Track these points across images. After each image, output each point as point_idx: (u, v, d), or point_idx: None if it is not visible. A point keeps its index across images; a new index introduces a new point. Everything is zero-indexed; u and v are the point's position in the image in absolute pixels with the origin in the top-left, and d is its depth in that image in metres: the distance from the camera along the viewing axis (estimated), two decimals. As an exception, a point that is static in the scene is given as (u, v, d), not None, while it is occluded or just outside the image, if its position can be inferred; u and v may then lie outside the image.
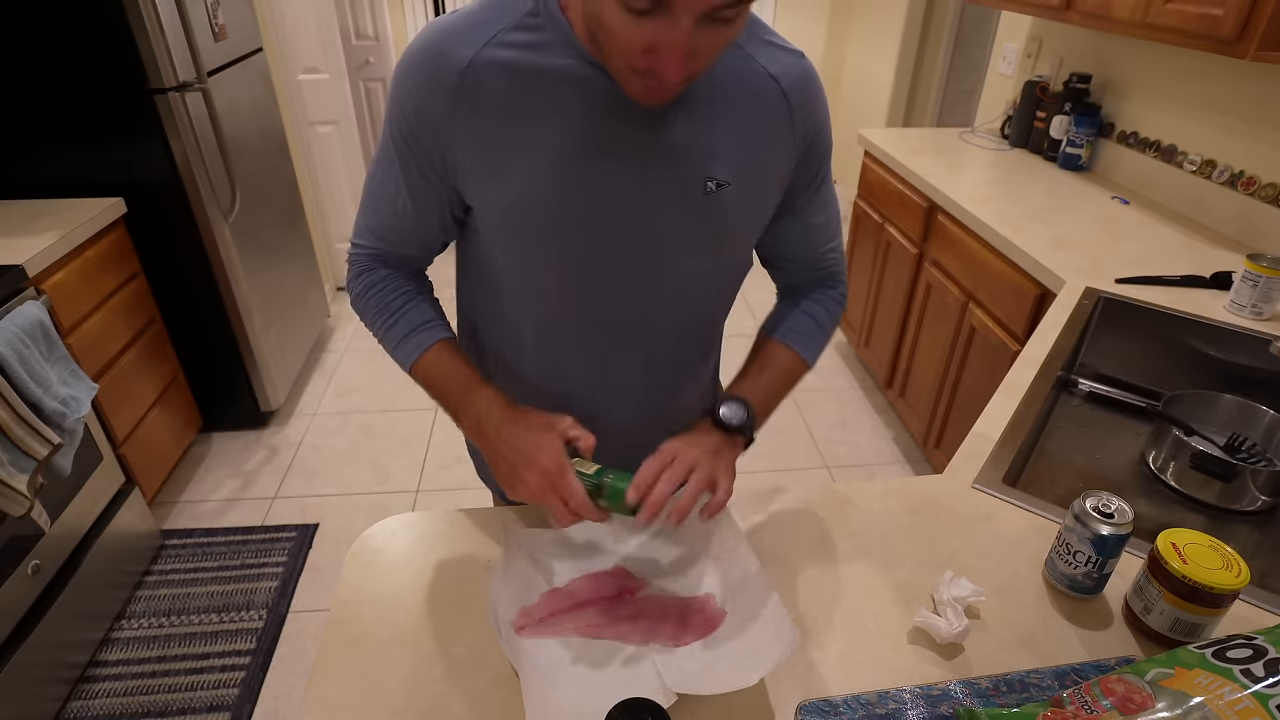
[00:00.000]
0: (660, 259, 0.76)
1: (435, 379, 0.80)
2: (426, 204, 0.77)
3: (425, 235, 0.82)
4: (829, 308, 0.91)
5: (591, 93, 0.68)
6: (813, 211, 0.84)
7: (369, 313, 0.84)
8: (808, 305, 0.90)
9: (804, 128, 0.76)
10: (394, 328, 0.82)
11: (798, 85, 0.74)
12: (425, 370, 0.81)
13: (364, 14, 3.96)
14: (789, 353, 0.87)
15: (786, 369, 0.87)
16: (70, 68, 1.86)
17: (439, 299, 0.89)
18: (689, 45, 0.56)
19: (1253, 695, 0.55)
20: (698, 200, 0.72)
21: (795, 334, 0.88)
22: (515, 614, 0.73)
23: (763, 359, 0.86)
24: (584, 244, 0.74)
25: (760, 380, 0.84)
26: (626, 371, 0.88)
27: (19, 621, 1.49)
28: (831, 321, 0.91)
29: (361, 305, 0.85)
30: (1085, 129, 2.23)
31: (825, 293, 0.91)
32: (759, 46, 0.73)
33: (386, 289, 0.83)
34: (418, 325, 0.82)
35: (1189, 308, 1.46)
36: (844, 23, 4.20)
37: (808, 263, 0.89)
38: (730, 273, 0.85)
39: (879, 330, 2.61)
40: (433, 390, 0.81)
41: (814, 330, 0.89)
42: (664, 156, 0.70)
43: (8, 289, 1.54)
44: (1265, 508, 1.08)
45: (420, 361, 0.80)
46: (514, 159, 0.70)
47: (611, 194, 0.71)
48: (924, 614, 0.75)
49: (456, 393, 0.78)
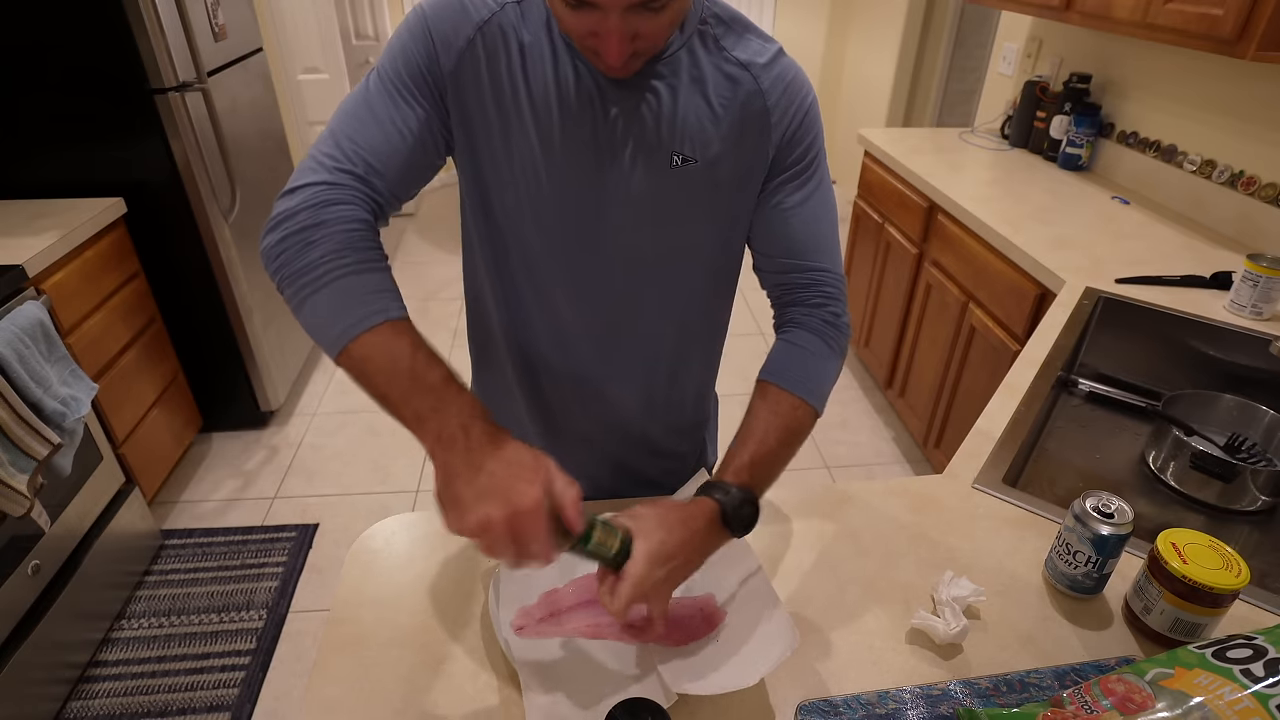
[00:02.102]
0: (626, 228, 0.79)
1: (393, 359, 0.63)
2: (421, 136, 0.74)
3: (412, 167, 0.73)
4: (820, 332, 0.81)
5: (569, 67, 0.72)
6: (794, 206, 0.81)
7: (323, 242, 0.65)
8: (797, 335, 0.82)
9: (781, 115, 0.77)
10: (361, 275, 0.66)
11: (773, 74, 0.76)
12: (383, 345, 0.64)
13: (364, 14, 3.96)
14: (791, 401, 0.77)
15: (792, 428, 0.77)
16: (70, 68, 1.86)
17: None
18: (624, 31, 0.61)
19: (1253, 695, 0.55)
20: (663, 172, 0.75)
21: (793, 378, 0.79)
22: (515, 614, 0.73)
23: (766, 418, 0.76)
24: (560, 209, 0.77)
25: (768, 445, 0.75)
26: (622, 350, 0.88)
27: (19, 621, 1.49)
28: (825, 349, 0.81)
29: (314, 231, 0.66)
30: (1085, 129, 2.23)
31: (813, 312, 0.82)
32: (735, 38, 0.76)
33: (361, 229, 0.68)
34: (388, 288, 0.67)
35: (1189, 308, 1.46)
36: (844, 22, 4.20)
37: (790, 267, 0.82)
38: (703, 255, 0.84)
39: (879, 330, 2.61)
40: (382, 374, 0.63)
41: (814, 366, 0.80)
42: (636, 129, 0.74)
43: (8, 289, 1.54)
44: (1265, 508, 1.08)
45: (377, 330, 0.64)
46: (499, 122, 0.74)
47: (583, 163, 0.75)
48: (922, 615, 0.75)
49: (431, 387, 0.63)
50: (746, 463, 0.72)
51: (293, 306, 0.67)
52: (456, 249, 3.92)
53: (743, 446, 0.74)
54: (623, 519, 0.65)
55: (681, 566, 0.65)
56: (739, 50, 0.76)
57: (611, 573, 0.63)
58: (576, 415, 0.92)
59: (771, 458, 0.74)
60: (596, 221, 0.78)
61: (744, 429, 0.76)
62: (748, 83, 0.75)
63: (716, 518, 0.68)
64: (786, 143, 0.78)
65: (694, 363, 0.95)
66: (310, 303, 0.65)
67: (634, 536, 0.64)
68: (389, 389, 0.63)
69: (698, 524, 0.67)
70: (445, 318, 3.19)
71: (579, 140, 0.74)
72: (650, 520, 0.65)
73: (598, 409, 0.92)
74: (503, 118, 0.74)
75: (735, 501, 0.69)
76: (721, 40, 0.75)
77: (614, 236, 0.79)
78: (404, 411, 0.62)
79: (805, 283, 0.82)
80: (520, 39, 0.72)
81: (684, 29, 0.74)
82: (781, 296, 0.84)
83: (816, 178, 0.81)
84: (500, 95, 0.73)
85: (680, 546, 0.65)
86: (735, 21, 0.77)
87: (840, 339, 0.82)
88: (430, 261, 3.76)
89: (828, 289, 0.82)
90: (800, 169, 0.80)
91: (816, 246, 0.82)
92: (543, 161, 0.75)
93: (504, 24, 0.72)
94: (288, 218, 0.67)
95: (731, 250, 0.86)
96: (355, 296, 0.65)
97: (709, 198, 0.78)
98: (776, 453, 0.74)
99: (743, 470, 0.72)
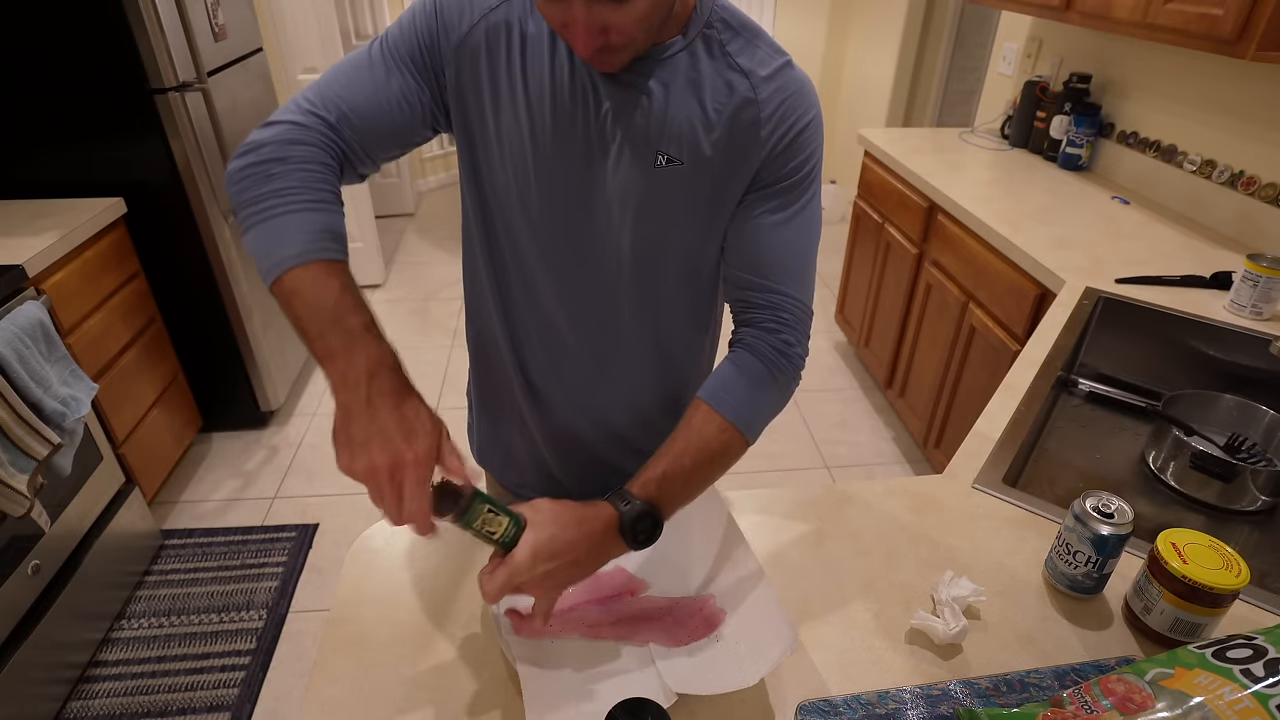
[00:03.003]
0: (609, 224, 0.79)
1: (319, 296, 0.65)
2: (405, 103, 0.75)
3: (390, 130, 0.75)
4: (766, 358, 0.77)
5: (566, 62, 0.73)
6: (771, 224, 0.78)
7: (281, 176, 0.68)
8: (742, 358, 0.78)
9: (774, 128, 0.75)
10: (308, 214, 0.68)
11: (773, 86, 0.75)
12: (312, 280, 0.65)
13: (364, 14, 3.97)
14: (719, 423, 0.74)
15: (715, 450, 0.74)
16: (71, 68, 1.86)
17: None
18: (590, 22, 0.62)
19: (1253, 695, 0.55)
20: (647, 171, 0.75)
21: (726, 401, 0.75)
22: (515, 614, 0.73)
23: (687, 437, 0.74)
24: (547, 201, 0.78)
25: (682, 463, 0.72)
26: (606, 347, 0.88)
27: (19, 621, 1.49)
28: (767, 377, 0.77)
29: (275, 165, 0.68)
30: (1085, 129, 2.23)
31: (764, 337, 0.78)
32: (742, 44, 0.75)
33: (320, 171, 0.70)
34: (332, 230, 0.69)
35: (1189, 308, 1.46)
36: (844, 23, 4.20)
37: (751, 284, 0.79)
38: (684, 256, 0.83)
39: (879, 330, 2.61)
40: (306, 308, 0.64)
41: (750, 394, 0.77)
42: (624, 125, 0.74)
43: (8, 289, 1.54)
44: (1265, 508, 1.08)
45: (311, 267, 0.65)
46: (493, 110, 0.75)
47: (571, 156, 0.76)
48: (921, 615, 0.75)
49: (347, 328, 0.64)
50: (657, 476, 0.71)
51: (242, 231, 0.70)
52: (456, 249, 3.92)
53: (657, 461, 0.72)
54: (523, 508, 0.66)
55: (568, 566, 0.65)
56: (743, 57, 0.75)
57: (500, 556, 0.64)
58: (565, 412, 0.93)
59: (684, 476, 0.72)
60: (581, 215, 0.79)
61: (666, 443, 0.74)
62: (744, 90, 0.74)
63: (613, 525, 0.68)
64: (775, 157, 0.76)
65: (681, 361, 0.94)
66: (256, 230, 0.68)
67: (527, 527, 0.64)
68: (309, 323, 0.64)
69: (592, 527, 0.67)
70: (445, 318, 3.19)
71: (568, 134, 0.74)
72: (546, 514, 0.66)
73: (585, 405, 0.92)
74: (496, 106, 0.75)
75: (635, 513, 0.68)
76: (727, 45, 0.74)
77: (597, 231, 0.79)
78: (317, 346, 0.64)
79: (762, 303, 0.78)
80: (524, 31, 0.73)
81: (687, 32, 0.73)
82: (739, 313, 0.81)
83: (803, 200, 0.78)
84: (496, 84, 0.74)
85: (569, 546, 0.65)
86: (745, 28, 0.75)
87: (787, 370, 0.78)
88: (430, 261, 3.76)
89: (784, 315, 0.78)
90: (786, 187, 0.77)
91: (785, 269, 0.78)
92: (531, 152, 0.76)
93: (510, 15, 0.73)
94: (255, 148, 0.70)
95: (714, 254, 0.84)
96: (299, 232, 0.67)
97: (692, 200, 0.78)
98: (690, 473, 0.72)
99: (650, 484, 0.70)
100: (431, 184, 4.81)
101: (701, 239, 0.82)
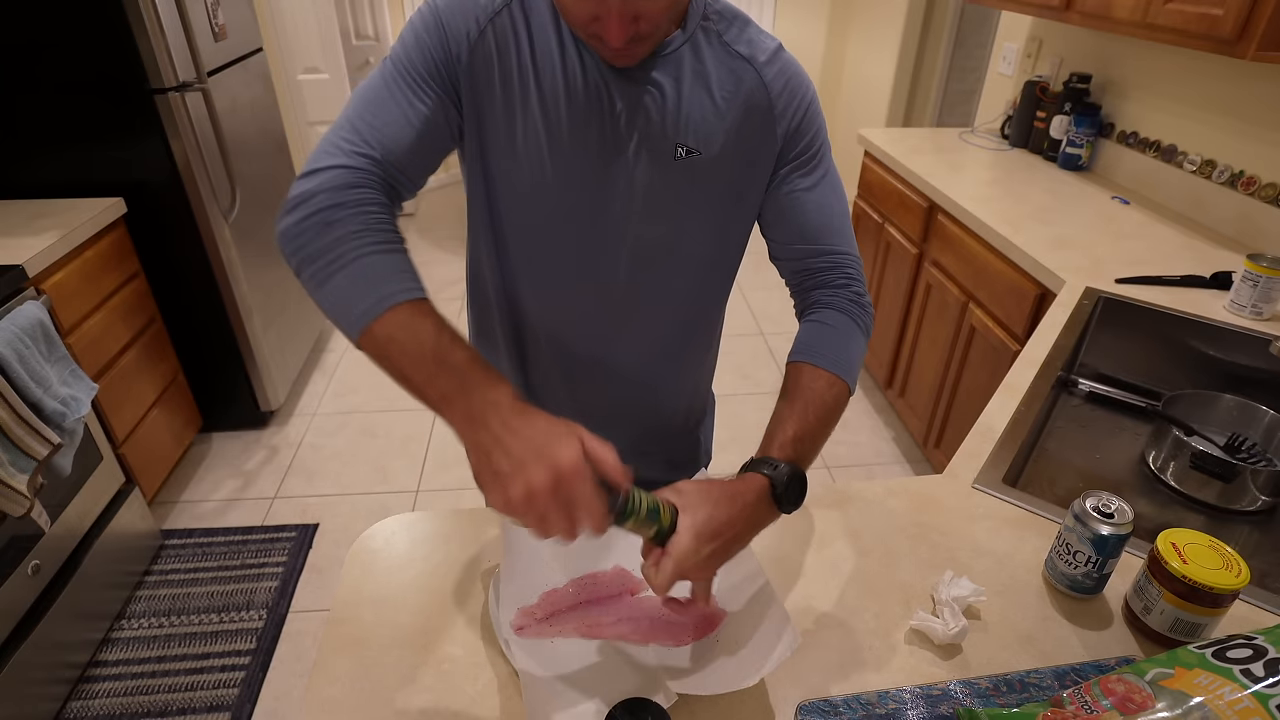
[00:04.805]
0: (629, 220, 0.80)
1: (417, 341, 0.63)
2: (433, 123, 0.74)
3: (425, 152, 0.74)
4: (847, 311, 0.83)
5: (576, 61, 0.73)
6: (806, 190, 0.82)
7: (343, 223, 0.66)
8: (825, 315, 0.83)
9: (785, 108, 0.78)
10: (382, 256, 0.66)
11: (775, 69, 0.78)
12: (406, 324, 0.63)
13: (364, 14, 3.96)
14: (826, 378, 0.77)
15: (830, 404, 0.77)
16: (71, 68, 1.86)
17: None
18: (625, 11, 0.63)
19: (1253, 695, 0.55)
20: (668, 165, 0.77)
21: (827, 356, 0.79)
22: (515, 614, 0.73)
23: (806, 396, 0.76)
24: (565, 201, 0.78)
25: (809, 421, 0.74)
26: (618, 342, 0.89)
27: (19, 621, 1.49)
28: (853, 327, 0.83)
29: (334, 212, 0.66)
30: (1085, 129, 2.23)
31: (838, 293, 0.83)
32: (737, 33, 0.78)
33: (380, 211, 0.68)
34: (408, 269, 0.67)
35: (1189, 308, 1.46)
36: (844, 22, 4.20)
37: (808, 252, 0.84)
38: (704, 248, 0.85)
39: (879, 330, 2.61)
40: (406, 356, 0.63)
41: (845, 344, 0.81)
42: (641, 122, 0.75)
43: (8, 289, 1.54)
44: (1265, 508, 1.08)
45: (398, 310, 0.63)
46: (506, 114, 0.75)
47: (588, 155, 0.76)
48: (921, 615, 0.75)
49: (455, 368, 0.62)
50: (791, 438, 0.71)
51: (312, 288, 0.66)
52: (456, 249, 3.92)
53: (783, 424, 0.73)
54: (667, 493, 0.64)
55: (729, 543, 0.64)
56: (741, 45, 0.77)
57: (656, 548, 0.63)
58: (571, 407, 0.93)
59: (813, 434, 0.73)
60: (600, 214, 0.79)
61: (783, 407, 0.75)
62: (751, 77, 0.77)
63: (766, 493, 0.67)
64: (792, 135, 0.79)
65: (689, 357, 0.95)
66: (331, 283, 0.65)
67: (680, 511, 0.63)
68: (413, 371, 0.62)
69: (747, 499, 0.66)
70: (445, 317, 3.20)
71: (585, 133, 0.75)
72: (695, 495, 0.64)
73: (591, 400, 0.92)
74: (510, 110, 0.75)
75: (784, 476, 0.68)
76: (724, 35, 0.77)
77: (617, 228, 0.80)
78: (429, 393, 0.62)
79: (825, 265, 0.83)
80: (530, 32, 0.73)
81: (686, 26, 0.75)
82: (803, 282, 0.85)
83: (824, 166, 0.83)
84: (509, 87, 0.74)
85: (728, 522, 0.63)
86: (736, 17, 0.78)
87: (866, 317, 0.83)
88: (430, 261, 3.76)
89: (849, 270, 0.84)
90: (808, 158, 0.81)
91: (832, 229, 0.83)
92: (549, 153, 0.76)
93: (514, 17, 0.73)
94: (307, 199, 0.66)
95: (731, 244, 0.87)
96: (377, 277, 0.64)
97: (712, 190, 0.80)
98: (817, 430, 0.74)
99: (787, 445, 0.71)
100: (431, 184, 4.81)
101: (722, 230, 0.84)
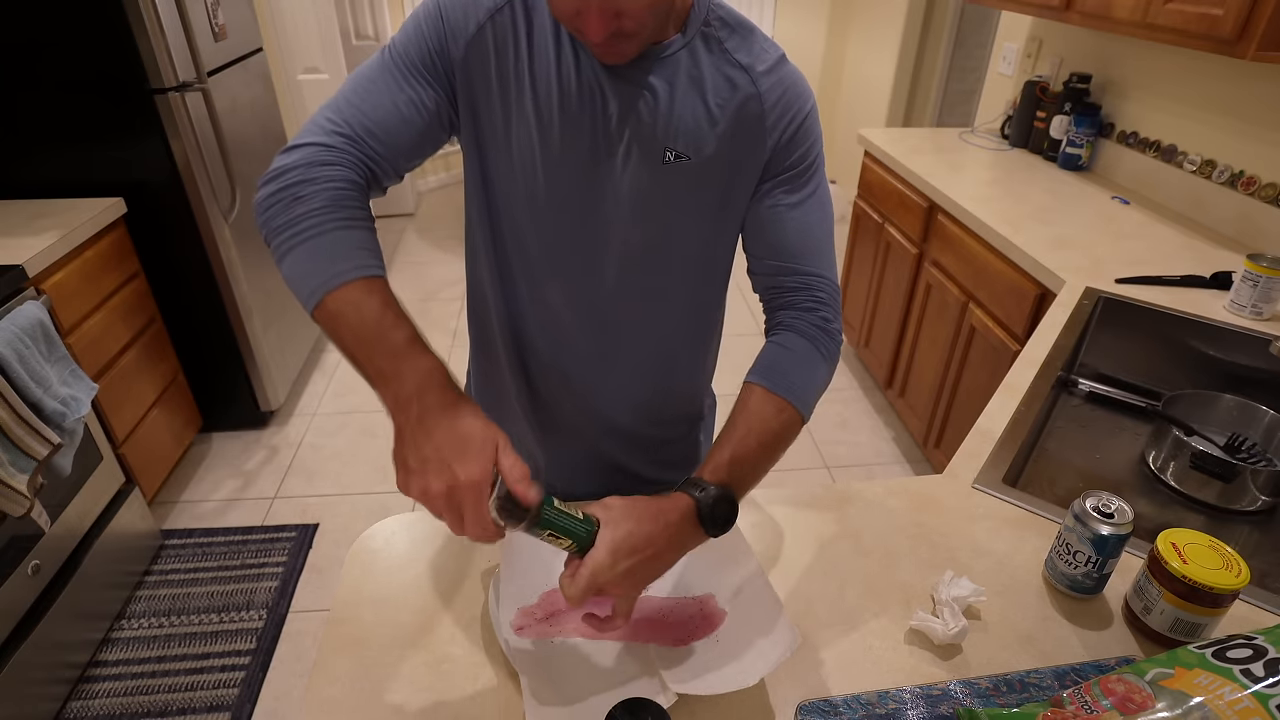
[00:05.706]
0: (618, 222, 0.79)
1: (361, 317, 0.64)
2: (422, 112, 0.75)
3: (411, 140, 0.75)
4: (810, 336, 0.79)
5: (572, 61, 0.73)
6: (788, 208, 0.81)
7: (310, 199, 0.67)
8: (786, 338, 0.80)
9: (777, 120, 0.77)
10: (341, 232, 0.67)
11: (771, 80, 0.77)
12: (354, 301, 0.64)
13: (364, 14, 3.97)
14: (776, 403, 0.75)
15: (776, 430, 0.74)
16: (71, 68, 1.86)
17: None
18: (605, 7, 0.62)
19: (1253, 695, 0.55)
20: (656, 167, 0.76)
21: (780, 381, 0.76)
22: (515, 614, 0.73)
23: (748, 420, 0.74)
24: (555, 200, 0.78)
25: (748, 445, 0.73)
26: (612, 344, 0.88)
27: (19, 621, 1.49)
28: (815, 354, 0.79)
29: (303, 187, 0.67)
30: (1085, 129, 2.23)
31: (803, 316, 0.80)
32: (739, 41, 0.77)
33: (348, 189, 0.69)
34: (366, 246, 0.68)
35: (1189, 308, 1.46)
36: (844, 23, 4.20)
37: (781, 269, 0.81)
38: (692, 251, 0.84)
39: (879, 330, 2.61)
40: (350, 331, 0.64)
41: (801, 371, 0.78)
42: (633, 123, 0.75)
43: (8, 289, 1.54)
44: (1265, 508, 1.08)
45: (349, 287, 0.65)
46: (502, 111, 0.75)
47: (579, 156, 0.76)
48: (920, 616, 0.75)
49: (393, 347, 0.63)
50: (725, 461, 0.71)
51: (276, 259, 0.69)
52: (456, 249, 3.91)
53: (723, 445, 0.72)
54: (593, 508, 0.64)
55: (649, 560, 0.63)
56: (741, 54, 0.76)
57: (577, 559, 0.63)
58: (567, 408, 0.93)
59: (752, 459, 0.72)
60: (589, 214, 0.79)
61: (726, 429, 0.74)
62: (746, 86, 0.76)
63: (691, 513, 0.67)
64: (781, 147, 0.78)
65: (684, 360, 0.95)
66: (291, 256, 0.67)
67: (601, 525, 0.63)
68: (356, 347, 0.64)
69: (670, 518, 0.65)
70: (445, 318, 3.18)
71: (577, 134, 0.75)
72: (619, 510, 0.64)
73: (588, 402, 0.92)
74: (505, 107, 0.75)
75: (711, 498, 0.67)
76: (725, 43, 0.76)
77: (606, 230, 0.80)
78: (367, 369, 0.64)
79: (796, 285, 0.81)
80: (529, 30, 0.73)
81: (686, 30, 0.74)
82: (772, 300, 0.83)
83: (813, 184, 0.81)
84: (505, 85, 0.74)
85: (647, 539, 0.63)
86: (740, 26, 0.77)
87: (830, 345, 0.80)
88: (430, 261, 3.76)
89: (819, 294, 0.80)
90: (796, 174, 0.80)
91: (809, 250, 0.81)
92: (540, 152, 0.76)
93: (514, 15, 0.73)
94: (281, 174, 0.69)
95: (722, 249, 0.86)
96: (334, 252, 0.66)
97: (700, 195, 0.79)
98: (757, 455, 0.72)
99: (720, 468, 0.70)
100: (431, 184, 4.81)
101: (709, 234, 0.83)
